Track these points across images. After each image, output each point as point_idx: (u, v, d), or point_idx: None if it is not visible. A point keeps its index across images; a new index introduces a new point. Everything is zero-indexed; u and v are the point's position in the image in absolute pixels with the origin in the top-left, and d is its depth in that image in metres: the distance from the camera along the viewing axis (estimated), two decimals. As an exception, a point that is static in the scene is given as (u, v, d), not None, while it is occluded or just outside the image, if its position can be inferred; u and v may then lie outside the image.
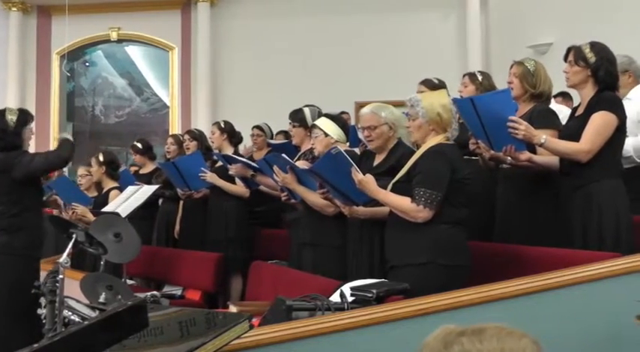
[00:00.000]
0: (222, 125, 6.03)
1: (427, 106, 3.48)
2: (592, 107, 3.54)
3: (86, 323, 1.67)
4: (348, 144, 4.60)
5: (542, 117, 3.82)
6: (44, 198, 6.01)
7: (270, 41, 10.82)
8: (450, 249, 3.37)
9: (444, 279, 3.21)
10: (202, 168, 5.82)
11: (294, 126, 5.15)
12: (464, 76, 4.84)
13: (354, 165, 3.63)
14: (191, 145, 6.36)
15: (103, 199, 6.09)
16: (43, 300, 3.56)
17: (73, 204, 5.97)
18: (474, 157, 4.19)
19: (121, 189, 6.05)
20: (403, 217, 3.40)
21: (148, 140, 7.43)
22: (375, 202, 3.69)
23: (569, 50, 3.68)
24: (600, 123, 3.48)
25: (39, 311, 3.52)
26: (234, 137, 6.07)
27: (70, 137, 5.18)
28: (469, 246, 3.50)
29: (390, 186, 3.53)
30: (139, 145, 6.94)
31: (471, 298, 2.67)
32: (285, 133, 7.09)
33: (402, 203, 3.40)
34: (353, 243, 4.01)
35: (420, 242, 3.36)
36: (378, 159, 3.95)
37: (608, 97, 3.54)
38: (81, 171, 6.74)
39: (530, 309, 2.68)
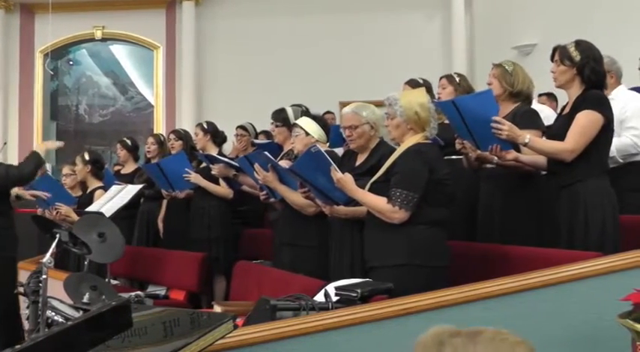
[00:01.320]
0: (205, 126, 6.03)
1: (405, 105, 3.48)
2: (578, 106, 3.53)
3: (70, 323, 1.66)
4: (328, 144, 4.61)
5: (526, 118, 3.84)
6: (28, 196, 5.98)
7: (255, 40, 10.82)
8: (428, 249, 3.36)
9: (422, 281, 3.20)
10: (186, 169, 5.80)
11: (276, 126, 5.15)
12: (441, 78, 4.86)
13: (332, 164, 3.63)
14: (176, 145, 6.34)
15: (88, 199, 6.06)
16: (26, 300, 3.54)
17: (57, 203, 5.93)
18: (457, 156, 4.22)
19: (105, 188, 6.03)
20: (380, 217, 3.40)
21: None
22: (356, 201, 3.70)
23: (554, 50, 3.67)
24: (584, 122, 3.47)
25: (25, 311, 3.51)
26: (217, 137, 6.07)
27: (41, 151, 5.09)
28: (451, 245, 3.51)
29: (368, 186, 3.52)
30: (129, 142, 6.89)
31: (454, 297, 2.68)
32: (267, 133, 7.08)
33: (379, 203, 3.39)
34: (334, 242, 4.01)
35: (398, 243, 3.35)
36: (360, 159, 3.95)
37: (593, 96, 3.53)
38: (65, 170, 6.70)
39: (513, 308, 2.69)
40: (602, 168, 3.58)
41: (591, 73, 3.55)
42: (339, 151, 4.77)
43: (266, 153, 4.49)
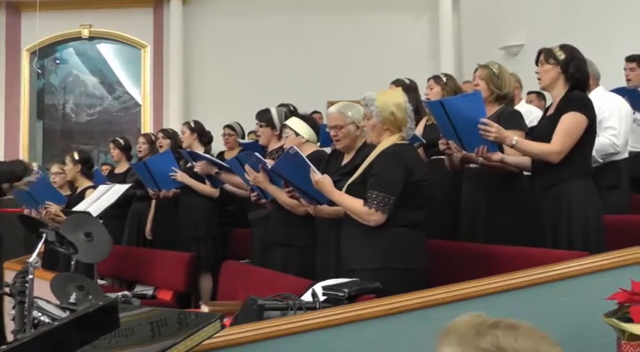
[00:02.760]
0: (192, 125, 6.06)
1: (381, 105, 3.45)
2: (562, 107, 3.58)
3: (56, 323, 1.66)
4: (318, 143, 4.61)
5: (510, 119, 3.87)
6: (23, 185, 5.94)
7: (243, 40, 10.81)
8: (406, 252, 3.34)
9: (400, 283, 3.16)
10: (173, 168, 5.81)
11: (260, 126, 5.16)
12: (428, 79, 4.88)
13: (311, 166, 3.62)
14: (164, 143, 6.36)
15: (78, 199, 6.04)
16: (12, 301, 3.52)
17: (47, 202, 5.90)
18: (440, 156, 4.24)
19: (96, 188, 6.02)
20: (357, 219, 3.39)
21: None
22: None
23: (540, 52, 3.73)
24: (570, 124, 3.51)
25: (12, 311, 3.48)
26: (204, 136, 6.09)
27: (33, 168, 5.06)
28: (435, 245, 3.51)
29: (345, 188, 3.50)
30: (122, 141, 6.90)
31: (441, 297, 2.69)
32: (256, 133, 7.09)
33: (355, 205, 3.37)
34: (321, 242, 4.01)
35: (375, 246, 3.34)
36: (346, 159, 3.94)
37: (577, 97, 3.57)
38: (54, 168, 6.67)
39: (499, 308, 2.70)
40: (586, 169, 3.62)
41: (576, 71, 3.59)
42: (329, 151, 4.78)
43: (256, 154, 4.49)
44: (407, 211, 3.36)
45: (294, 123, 4.48)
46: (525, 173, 3.94)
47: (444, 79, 4.74)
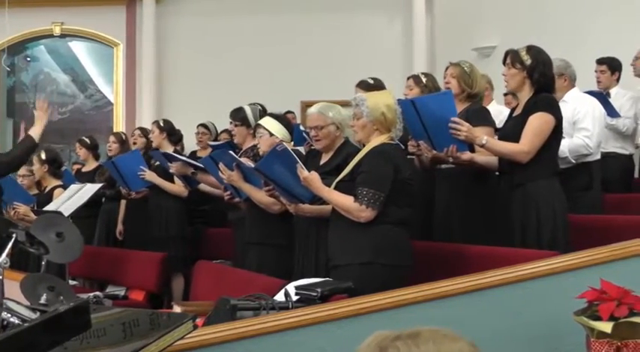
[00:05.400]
0: (162, 124, 6.03)
1: (372, 106, 3.51)
2: (529, 108, 3.65)
3: (26, 325, 1.64)
4: (292, 143, 4.61)
5: (477, 116, 3.93)
6: None
7: (216, 39, 10.76)
8: (393, 248, 3.40)
9: (385, 279, 3.24)
10: (141, 167, 5.78)
11: (235, 125, 5.14)
12: (408, 78, 4.89)
13: (299, 162, 3.64)
14: (139, 141, 6.34)
15: (46, 198, 5.99)
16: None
17: (15, 203, 5.84)
18: (410, 157, 4.26)
19: (64, 187, 5.96)
20: (346, 216, 3.42)
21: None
22: (321, 200, 3.71)
23: (506, 54, 3.79)
24: (538, 124, 3.58)
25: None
26: (173, 136, 6.07)
27: (36, 133, 5.02)
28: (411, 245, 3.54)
29: (333, 185, 3.54)
30: (87, 140, 6.85)
31: (413, 296, 2.70)
32: (229, 132, 7.07)
33: (345, 202, 3.42)
34: (299, 241, 4.01)
35: (363, 241, 3.38)
36: (324, 159, 3.97)
37: (544, 99, 3.65)
38: (21, 170, 6.58)
39: (470, 307, 2.72)
40: (553, 168, 3.69)
41: (540, 77, 3.67)
42: (302, 150, 4.79)
43: (231, 152, 4.49)
44: (395, 209, 3.42)
45: (267, 122, 4.48)
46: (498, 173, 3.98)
47: (424, 80, 4.74)
